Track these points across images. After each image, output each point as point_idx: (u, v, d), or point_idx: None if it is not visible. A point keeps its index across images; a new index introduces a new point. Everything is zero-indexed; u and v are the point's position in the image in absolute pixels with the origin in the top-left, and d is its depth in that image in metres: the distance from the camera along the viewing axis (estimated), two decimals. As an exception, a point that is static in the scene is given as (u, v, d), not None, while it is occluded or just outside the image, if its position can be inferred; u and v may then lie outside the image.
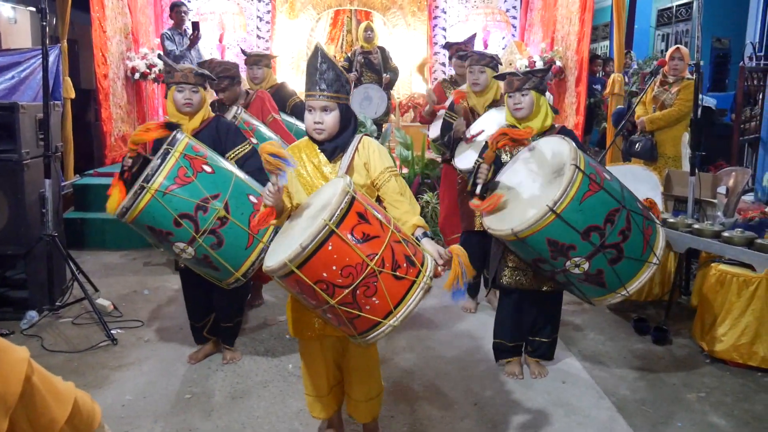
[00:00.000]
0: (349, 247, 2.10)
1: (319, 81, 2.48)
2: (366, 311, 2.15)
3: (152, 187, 2.95)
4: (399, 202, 2.50)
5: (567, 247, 2.82)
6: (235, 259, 3.11)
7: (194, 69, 3.43)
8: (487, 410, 3.17)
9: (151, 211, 2.98)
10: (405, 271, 2.16)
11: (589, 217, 2.77)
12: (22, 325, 4.05)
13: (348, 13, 9.95)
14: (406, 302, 2.16)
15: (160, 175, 2.98)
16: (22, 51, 6.32)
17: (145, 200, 2.96)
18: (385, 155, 2.60)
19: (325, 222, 2.06)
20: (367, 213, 2.19)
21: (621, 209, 2.83)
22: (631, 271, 2.93)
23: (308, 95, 2.51)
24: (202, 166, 3.11)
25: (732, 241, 3.73)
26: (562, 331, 4.15)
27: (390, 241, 2.17)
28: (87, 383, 3.38)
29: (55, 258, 4.29)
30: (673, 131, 5.17)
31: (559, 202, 2.71)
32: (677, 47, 5.30)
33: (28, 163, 4.19)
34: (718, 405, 3.25)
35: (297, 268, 2.08)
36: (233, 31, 8.98)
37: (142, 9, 8.32)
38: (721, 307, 3.70)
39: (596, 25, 11.84)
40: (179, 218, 2.97)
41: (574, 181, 2.73)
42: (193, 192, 3.01)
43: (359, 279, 2.09)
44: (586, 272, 2.89)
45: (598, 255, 2.83)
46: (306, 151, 2.59)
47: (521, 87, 3.28)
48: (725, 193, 4.66)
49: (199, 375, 3.51)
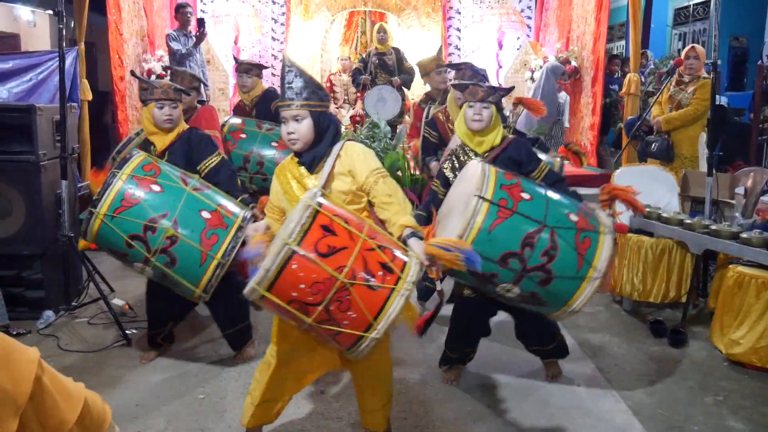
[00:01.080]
0: (314, 264, 2.05)
1: (287, 90, 2.44)
2: (345, 326, 2.09)
3: (100, 212, 3.04)
4: (388, 204, 2.43)
5: (489, 276, 2.72)
6: (192, 275, 3.12)
7: (173, 85, 3.48)
8: (500, 413, 3.15)
9: (103, 234, 3.09)
10: (381, 279, 2.11)
11: (503, 245, 2.66)
12: (38, 325, 4.09)
13: (362, 14, 9.96)
14: (386, 312, 2.09)
15: (106, 200, 3.05)
16: (40, 53, 6.40)
17: (96, 225, 3.07)
18: (371, 158, 2.52)
19: (283, 242, 2.03)
20: (333, 224, 2.14)
21: (542, 229, 2.68)
22: (569, 289, 2.75)
23: (279, 106, 2.48)
24: (150, 185, 3.14)
25: (750, 242, 3.67)
26: (577, 334, 4.12)
27: (361, 251, 2.11)
28: (101, 383, 3.40)
29: (71, 258, 4.33)
30: (690, 131, 5.10)
31: (465, 236, 2.60)
32: (692, 46, 5.24)
33: (44, 164, 4.23)
34: (736, 409, 3.20)
35: (266, 291, 2.07)
36: (248, 33, 9.03)
37: (158, 12, 8.39)
38: (740, 310, 3.65)
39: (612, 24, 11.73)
40: (130, 240, 3.05)
41: (477, 212, 2.63)
42: (140, 213, 3.06)
43: (330, 294, 2.05)
44: (521, 295, 2.77)
45: (524, 279, 2.71)
46: (290, 166, 2.56)
47: (485, 98, 3.15)
48: (743, 194, 4.60)
49: (212, 375, 3.52)
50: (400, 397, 3.26)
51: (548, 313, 2.95)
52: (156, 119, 3.40)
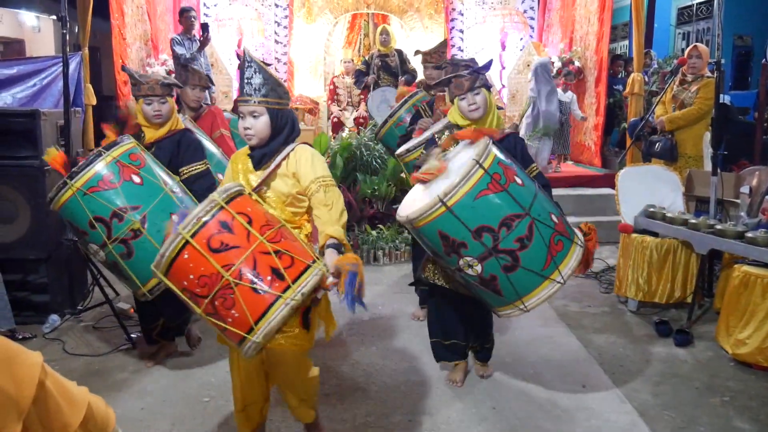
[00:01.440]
0: (203, 257, 2.09)
1: (245, 85, 2.48)
2: (229, 323, 2.13)
3: (75, 185, 3.03)
4: (321, 213, 2.46)
5: (458, 244, 2.70)
6: (144, 273, 3.08)
7: (160, 80, 3.50)
8: (505, 414, 3.14)
9: (70, 207, 3.07)
10: (268, 284, 2.12)
11: (482, 216, 2.66)
12: (44, 329, 4.10)
13: (365, 16, 9.96)
14: (268, 318, 2.10)
15: (84, 175, 3.04)
16: (44, 59, 6.43)
17: (66, 196, 3.05)
18: (319, 165, 2.54)
19: (179, 231, 2.09)
20: (234, 222, 2.17)
21: (524, 216, 2.69)
22: (529, 284, 2.77)
23: (238, 100, 2.52)
24: (131, 175, 3.14)
25: (756, 241, 3.66)
26: (582, 334, 4.11)
27: (254, 252, 2.13)
28: (106, 386, 3.41)
29: (76, 262, 4.35)
30: (694, 130, 5.08)
31: (450, 194, 2.61)
32: (695, 45, 5.22)
33: (49, 168, 4.24)
34: (742, 409, 3.19)
35: (163, 275, 2.14)
36: (251, 36, 9.04)
37: (161, 16, 8.42)
38: (745, 310, 3.63)
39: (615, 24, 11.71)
40: (94, 221, 3.03)
41: (470, 176, 2.63)
42: (113, 199, 3.05)
43: (215, 289, 2.10)
44: (480, 275, 2.75)
45: (491, 259, 2.70)
46: (241, 159, 2.60)
47: (473, 87, 3.14)
48: (748, 193, 4.59)
49: (217, 379, 3.52)
50: (404, 400, 3.26)
51: (497, 304, 2.93)
52: (146, 114, 3.43)
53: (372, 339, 4.04)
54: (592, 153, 7.94)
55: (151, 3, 8.07)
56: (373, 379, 3.50)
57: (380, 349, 3.88)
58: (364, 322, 4.31)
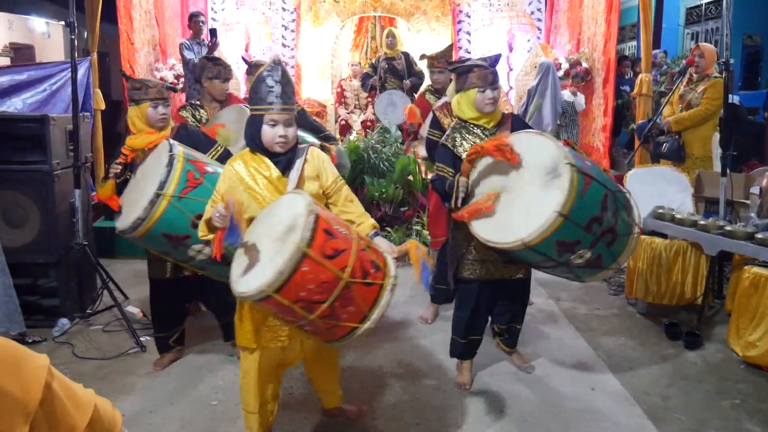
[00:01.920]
0: (322, 266, 2.18)
1: (281, 94, 2.51)
2: (344, 320, 2.25)
3: (167, 193, 3.01)
4: (350, 207, 2.63)
5: (573, 244, 2.80)
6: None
7: (165, 83, 3.56)
8: (513, 416, 3.13)
9: (168, 217, 3.03)
10: (373, 276, 2.28)
11: (590, 211, 2.79)
12: (53, 333, 4.12)
13: (372, 19, 9.97)
14: (378, 304, 2.29)
15: (172, 181, 3.03)
16: (54, 64, 6.46)
17: (162, 207, 3.02)
18: (332, 165, 2.70)
19: (297, 246, 2.13)
20: (332, 228, 2.26)
21: (609, 192, 2.87)
22: (621, 246, 2.96)
23: (269, 108, 2.52)
24: (204, 167, 3.19)
25: (766, 242, 3.64)
26: (591, 336, 4.09)
27: (357, 251, 2.26)
28: (116, 390, 3.42)
29: (85, 266, 4.37)
30: (701, 131, 5.05)
31: (564, 204, 2.68)
32: (698, 45, 5.20)
33: (58, 173, 4.27)
34: (753, 412, 3.16)
35: (275, 292, 2.15)
36: (259, 40, 9.08)
37: (170, 21, 8.46)
38: (756, 311, 3.61)
39: (623, 25, 11.68)
40: (196, 219, 3.00)
41: (572, 180, 2.71)
42: (204, 192, 3.03)
43: (336, 293, 2.19)
44: (588, 260, 2.89)
45: (599, 243, 2.85)
46: (254, 163, 2.59)
47: (494, 81, 3.18)
48: (758, 194, 4.55)
49: (225, 382, 3.53)
50: (413, 403, 3.26)
51: (589, 275, 3.06)
52: (150, 118, 3.44)
53: (380, 342, 4.03)
54: (601, 154, 7.90)
55: (159, 8, 8.11)
56: (380, 381, 3.50)
57: (388, 352, 3.87)
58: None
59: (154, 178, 3.08)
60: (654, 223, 4.41)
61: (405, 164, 6.12)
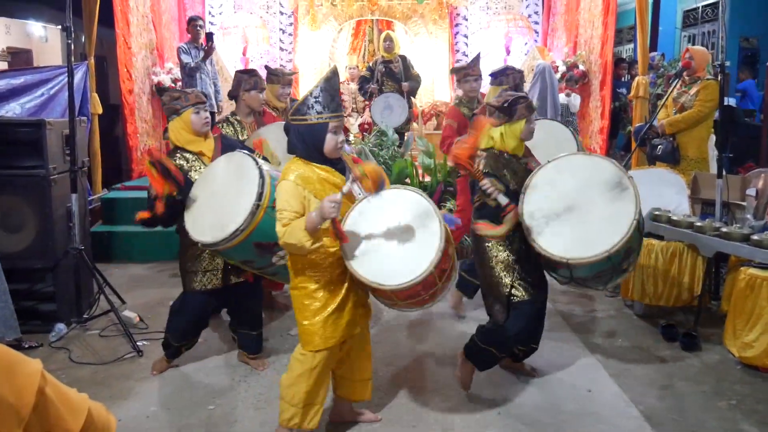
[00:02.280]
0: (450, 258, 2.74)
1: (340, 103, 2.64)
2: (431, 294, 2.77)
3: (263, 204, 3.06)
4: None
5: (636, 248, 3.11)
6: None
7: (197, 90, 3.59)
8: (510, 419, 3.13)
9: (263, 226, 3.06)
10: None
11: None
12: (50, 338, 4.11)
13: (369, 23, 10.00)
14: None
15: (267, 192, 3.07)
16: (51, 68, 6.48)
17: (259, 217, 3.06)
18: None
19: (439, 246, 2.57)
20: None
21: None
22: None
23: (333, 116, 2.59)
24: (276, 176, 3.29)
25: (762, 244, 3.64)
26: (588, 338, 4.09)
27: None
28: (112, 395, 3.42)
29: (82, 271, 4.36)
30: (695, 133, 5.05)
31: (638, 212, 2.92)
32: (687, 48, 5.23)
33: (55, 178, 4.27)
34: (750, 413, 3.16)
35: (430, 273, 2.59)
36: (256, 44, 9.10)
37: (167, 25, 8.47)
38: (752, 312, 3.61)
39: (621, 27, 11.72)
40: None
41: (636, 190, 2.97)
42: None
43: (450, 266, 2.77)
44: (633, 263, 3.21)
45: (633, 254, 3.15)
46: (317, 172, 2.64)
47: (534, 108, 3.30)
48: (755, 195, 4.56)
49: (222, 386, 3.52)
50: (408, 405, 3.26)
51: (617, 278, 3.23)
52: (195, 125, 3.46)
53: (375, 345, 4.03)
54: (598, 156, 7.92)
55: (156, 12, 8.12)
56: (376, 384, 3.50)
57: (385, 355, 3.87)
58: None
59: (243, 189, 3.10)
60: (650, 224, 4.41)
61: (402, 167, 6.13)
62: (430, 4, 9.31)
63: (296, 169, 2.63)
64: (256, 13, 9.34)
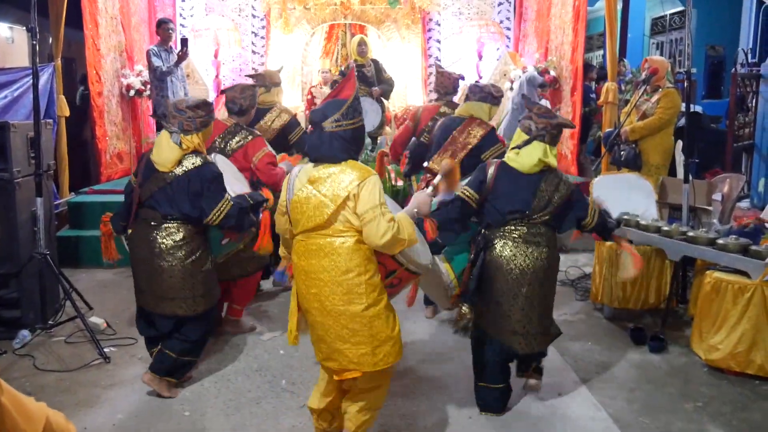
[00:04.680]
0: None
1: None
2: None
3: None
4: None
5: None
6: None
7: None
8: (481, 423, 3.14)
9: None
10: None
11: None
12: (14, 345, 4.01)
13: (342, 27, 9.98)
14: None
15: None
16: (16, 70, 6.34)
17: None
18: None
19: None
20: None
21: None
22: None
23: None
24: None
25: (727, 248, 3.71)
26: (557, 342, 4.10)
27: None
28: (78, 402, 3.35)
29: (47, 277, 4.26)
30: (657, 139, 5.13)
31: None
32: (646, 58, 5.34)
33: (19, 181, 4.18)
34: (715, 415, 3.22)
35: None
36: (228, 46, 9.02)
37: (136, 27, 8.35)
38: (717, 315, 3.67)
39: (591, 34, 11.86)
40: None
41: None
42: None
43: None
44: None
45: None
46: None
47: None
48: (720, 200, 4.65)
49: (191, 393, 3.47)
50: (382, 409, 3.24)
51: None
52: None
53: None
54: (569, 161, 8.00)
55: (126, 14, 8.00)
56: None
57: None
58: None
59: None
60: (619, 230, 4.46)
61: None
62: (402, 8, 9.33)
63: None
64: (228, 16, 9.26)
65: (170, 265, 3.31)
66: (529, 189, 3.10)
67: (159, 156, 3.31)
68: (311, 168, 2.64)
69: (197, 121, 3.32)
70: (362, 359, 2.57)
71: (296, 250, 2.67)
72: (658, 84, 5.11)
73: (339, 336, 2.57)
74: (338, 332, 2.57)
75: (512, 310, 3.08)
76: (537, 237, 3.09)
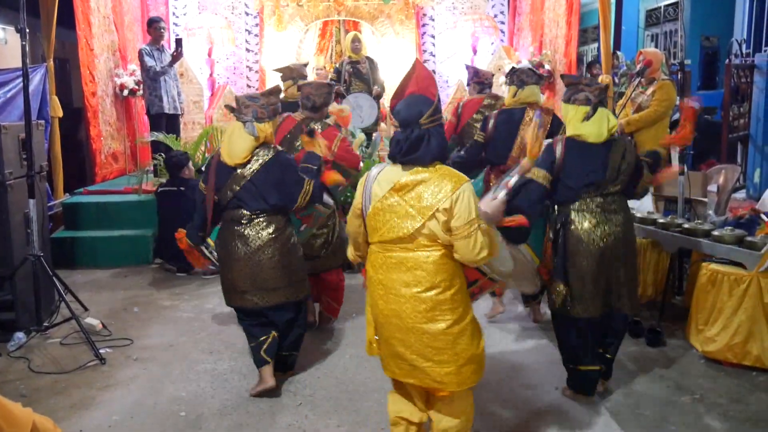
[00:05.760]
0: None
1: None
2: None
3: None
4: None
5: None
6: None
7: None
8: (478, 415, 3.12)
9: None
10: None
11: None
12: (9, 347, 4.00)
13: (336, 23, 9.95)
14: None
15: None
16: (8, 71, 6.30)
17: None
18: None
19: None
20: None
21: None
22: None
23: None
24: None
25: (722, 239, 3.70)
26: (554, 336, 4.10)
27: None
28: (74, 404, 3.33)
29: (42, 278, 4.24)
30: (653, 132, 5.12)
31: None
32: (640, 51, 5.35)
33: (11, 183, 4.16)
34: (712, 406, 3.21)
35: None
36: (222, 45, 8.98)
37: (129, 26, 8.32)
38: (713, 307, 3.67)
39: (585, 27, 11.84)
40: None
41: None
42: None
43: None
44: None
45: None
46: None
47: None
48: (716, 192, 4.64)
49: (187, 393, 3.46)
50: (378, 408, 3.24)
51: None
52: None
53: (345, 347, 4.01)
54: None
55: (118, 13, 7.97)
56: (344, 387, 3.48)
57: (354, 357, 3.85)
58: (338, 329, 4.29)
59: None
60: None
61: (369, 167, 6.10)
62: (396, 4, 9.30)
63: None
64: (221, 14, 9.22)
65: (270, 257, 3.34)
66: (599, 159, 3.10)
67: (231, 148, 3.32)
68: (395, 172, 2.42)
69: (270, 108, 3.37)
70: (446, 378, 2.39)
71: (372, 262, 2.49)
72: (653, 76, 5.10)
73: (421, 354, 2.39)
74: (420, 350, 2.39)
75: (600, 281, 3.10)
76: (613, 205, 3.13)
